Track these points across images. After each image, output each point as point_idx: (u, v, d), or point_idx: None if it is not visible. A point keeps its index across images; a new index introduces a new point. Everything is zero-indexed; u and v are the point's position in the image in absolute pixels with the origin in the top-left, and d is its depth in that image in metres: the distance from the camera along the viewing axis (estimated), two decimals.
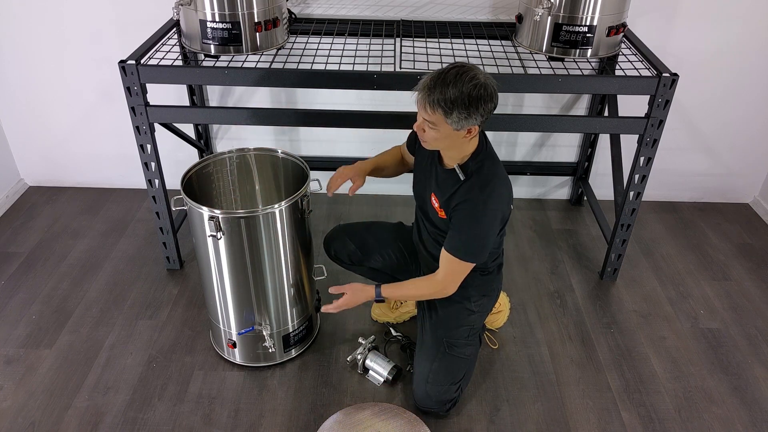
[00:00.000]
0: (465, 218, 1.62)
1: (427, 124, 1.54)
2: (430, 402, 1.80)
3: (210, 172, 1.97)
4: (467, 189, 1.62)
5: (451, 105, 1.46)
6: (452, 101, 1.46)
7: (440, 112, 1.48)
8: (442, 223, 1.72)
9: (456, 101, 1.46)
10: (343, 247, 2.02)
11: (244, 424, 1.82)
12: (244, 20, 1.99)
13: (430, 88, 1.48)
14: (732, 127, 2.73)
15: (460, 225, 1.63)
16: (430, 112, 1.50)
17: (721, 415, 1.90)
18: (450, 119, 1.49)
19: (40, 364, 2.00)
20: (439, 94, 1.46)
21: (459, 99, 1.45)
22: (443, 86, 1.46)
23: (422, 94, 1.49)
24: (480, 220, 1.61)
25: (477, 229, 1.62)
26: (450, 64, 1.52)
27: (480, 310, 1.87)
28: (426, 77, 1.51)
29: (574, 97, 2.65)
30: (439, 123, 1.51)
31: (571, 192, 2.95)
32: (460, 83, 1.45)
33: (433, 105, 1.48)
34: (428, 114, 1.50)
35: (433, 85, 1.47)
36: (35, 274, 2.40)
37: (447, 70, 1.49)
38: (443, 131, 1.53)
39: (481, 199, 1.60)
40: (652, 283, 2.44)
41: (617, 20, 2.04)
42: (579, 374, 2.02)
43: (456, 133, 1.53)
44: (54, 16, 2.45)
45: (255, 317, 1.89)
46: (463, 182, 1.62)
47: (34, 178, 2.95)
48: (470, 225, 1.62)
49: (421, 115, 1.54)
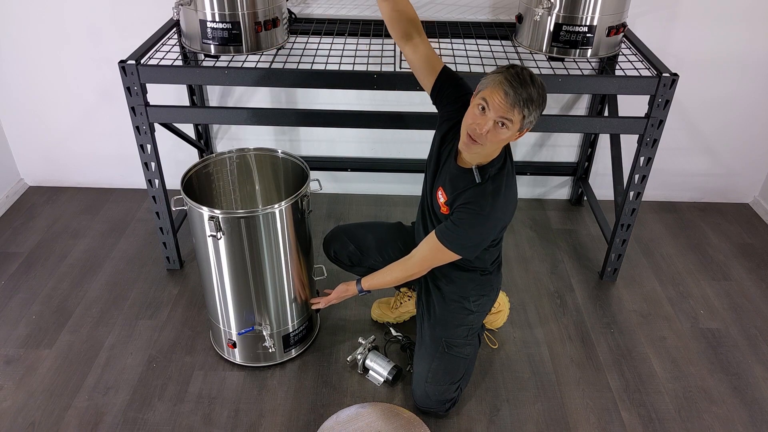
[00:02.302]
0: (467, 217, 1.61)
1: (498, 123, 1.47)
2: (429, 402, 1.80)
3: (210, 172, 1.97)
4: (478, 193, 1.61)
5: (534, 104, 1.46)
6: (535, 101, 1.46)
7: (525, 112, 1.46)
8: (445, 219, 1.72)
9: (537, 102, 1.46)
10: (342, 248, 2.02)
11: (244, 424, 1.82)
12: (244, 20, 1.99)
13: (516, 87, 1.44)
14: (732, 127, 2.73)
15: (460, 221, 1.63)
16: (515, 111, 1.45)
17: (721, 415, 1.90)
18: (526, 120, 1.48)
19: (40, 364, 2.00)
20: (527, 94, 1.44)
21: (538, 96, 1.46)
22: (526, 85, 1.44)
23: (511, 93, 1.44)
24: (482, 224, 1.61)
25: (471, 226, 1.62)
26: (508, 65, 1.49)
27: (479, 309, 1.87)
28: (498, 78, 1.46)
29: (574, 97, 2.65)
30: (515, 122, 1.47)
31: (571, 192, 2.95)
32: (535, 82, 1.46)
33: (522, 104, 1.44)
34: (512, 113, 1.46)
35: (518, 84, 1.44)
36: (35, 274, 2.40)
37: (519, 71, 1.46)
38: (510, 132, 1.50)
39: (489, 205, 1.59)
40: (652, 283, 2.44)
41: (617, 20, 2.04)
42: (579, 374, 2.02)
43: (516, 134, 1.52)
44: (54, 15, 2.45)
45: (255, 317, 1.90)
46: (477, 185, 1.61)
47: (34, 178, 2.95)
48: (470, 225, 1.62)
49: (495, 115, 1.47)
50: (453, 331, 1.82)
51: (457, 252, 1.66)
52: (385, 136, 2.75)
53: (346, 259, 2.03)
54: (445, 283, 1.86)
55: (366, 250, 2.00)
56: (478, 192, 1.60)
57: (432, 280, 1.90)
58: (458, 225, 1.63)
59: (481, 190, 1.60)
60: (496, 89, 1.46)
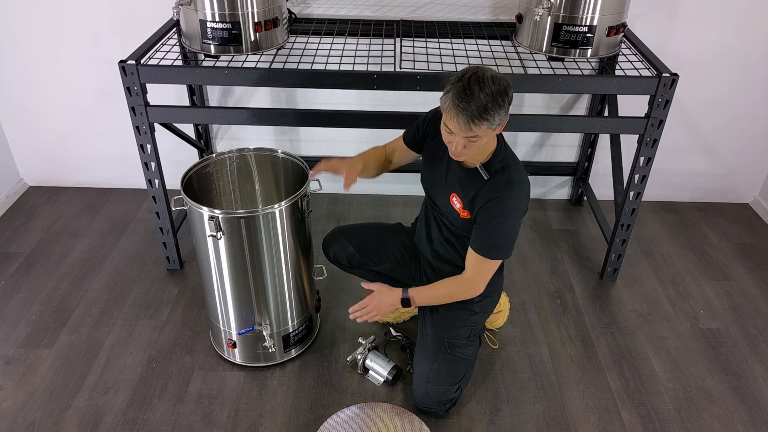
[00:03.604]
0: (493, 217, 1.63)
1: (468, 139, 1.51)
2: (429, 402, 1.80)
3: (210, 172, 1.97)
4: (493, 187, 1.63)
5: (491, 111, 1.45)
6: (491, 108, 1.45)
7: (485, 124, 1.46)
8: (463, 224, 1.73)
9: (493, 106, 1.45)
10: (341, 250, 2.02)
11: (244, 424, 1.82)
12: (244, 20, 1.99)
13: (464, 108, 1.44)
14: (732, 127, 2.73)
15: (488, 224, 1.64)
16: (474, 129, 1.47)
17: (721, 415, 1.90)
18: (492, 124, 1.48)
19: (40, 364, 2.00)
20: (477, 108, 1.44)
21: (492, 101, 1.45)
22: (474, 98, 1.44)
23: (461, 116, 1.45)
24: (507, 217, 1.63)
25: (504, 226, 1.64)
26: (455, 76, 1.49)
27: (482, 310, 1.87)
28: (449, 100, 1.47)
29: (574, 97, 2.65)
30: (482, 133, 1.49)
31: (571, 192, 2.95)
32: (484, 86, 1.45)
33: (478, 120, 1.45)
34: (473, 131, 1.47)
35: (465, 102, 1.44)
36: (35, 274, 2.40)
37: (466, 83, 1.45)
38: (485, 138, 1.52)
39: (509, 197, 1.62)
40: (652, 283, 2.44)
41: (617, 20, 2.04)
42: (579, 374, 2.02)
43: (494, 132, 1.54)
44: (54, 16, 2.45)
45: (255, 317, 1.89)
46: (487, 181, 1.64)
47: (34, 178, 2.95)
48: (498, 223, 1.63)
49: (460, 135, 1.50)
50: (455, 331, 1.82)
51: (504, 256, 1.69)
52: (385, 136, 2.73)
53: (345, 261, 2.03)
54: None
55: (365, 252, 2.00)
56: (493, 187, 1.63)
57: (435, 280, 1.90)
58: (493, 231, 1.64)
59: (493, 184, 1.63)
60: (450, 115, 1.48)
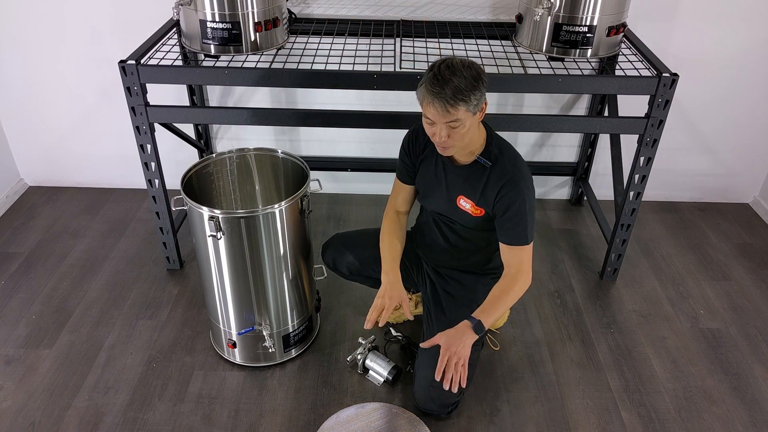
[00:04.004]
0: (513, 201, 1.64)
1: (450, 126, 1.53)
2: (432, 405, 1.79)
3: (210, 172, 1.97)
4: (501, 172, 1.65)
5: (467, 92, 1.48)
6: (465, 88, 1.48)
7: (462, 105, 1.49)
8: (478, 223, 1.74)
9: (467, 86, 1.48)
10: (341, 258, 2.01)
11: (244, 424, 1.82)
12: (244, 20, 1.99)
13: (438, 92, 1.48)
14: (732, 127, 2.73)
15: (511, 211, 1.65)
16: (452, 111, 1.49)
17: (721, 415, 1.90)
18: (470, 105, 1.50)
19: (40, 364, 2.00)
20: (451, 90, 1.47)
21: (467, 83, 1.48)
22: (448, 82, 1.47)
23: (436, 101, 1.48)
24: (525, 196, 1.65)
25: (525, 207, 1.65)
26: (428, 68, 1.54)
27: None
28: (423, 89, 1.51)
29: (574, 97, 2.65)
30: (463, 117, 1.51)
31: (571, 192, 2.95)
32: (457, 71, 1.49)
33: (453, 102, 1.48)
34: (451, 114, 1.50)
35: (439, 87, 1.47)
36: (35, 274, 2.40)
37: (437, 71, 1.50)
38: (467, 123, 1.54)
39: (520, 176, 1.65)
40: (652, 283, 2.44)
41: (617, 20, 2.04)
42: (579, 374, 2.02)
43: (475, 117, 1.55)
44: (54, 15, 2.45)
45: (255, 317, 1.89)
46: (492, 168, 1.66)
47: (34, 178, 2.95)
48: (519, 206, 1.65)
49: (441, 122, 1.53)
50: None
51: (531, 239, 1.70)
52: (385, 136, 2.75)
53: (344, 269, 2.03)
54: (457, 288, 1.87)
55: (365, 261, 1.98)
56: (500, 171, 1.65)
57: (442, 285, 1.90)
58: (518, 217, 1.65)
59: (500, 169, 1.65)
60: (426, 102, 1.52)
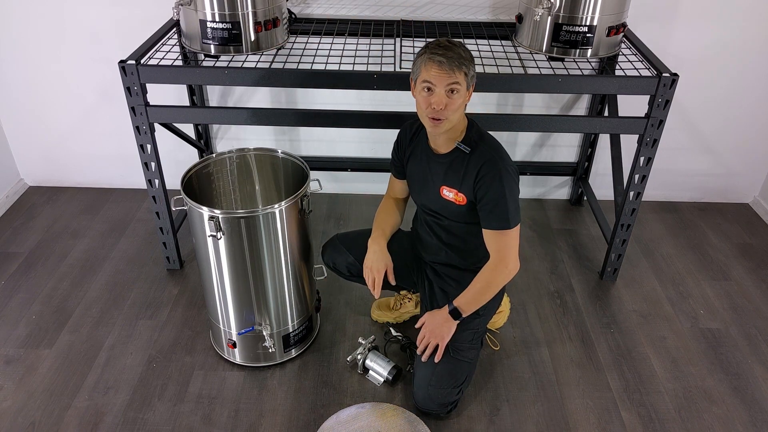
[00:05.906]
0: (492, 183, 1.65)
1: (450, 90, 1.56)
2: (431, 404, 1.79)
3: (210, 172, 1.97)
4: (479, 155, 1.67)
5: (467, 62, 1.56)
6: (466, 58, 1.56)
7: (464, 70, 1.55)
8: (463, 213, 1.74)
9: (468, 57, 1.58)
10: (341, 259, 2.01)
11: (244, 424, 1.82)
12: (244, 20, 1.99)
13: (443, 54, 1.53)
14: (732, 127, 2.73)
15: (490, 193, 1.66)
16: (456, 73, 1.54)
17: (721, 415, 1.90)
18: (468, 77, 1.57)
19: (40, 364, 2.00)
20: (456, 55, 1.54)
21: (467, 55, 1.58)
22: (450, 48, 1.55)
23: (443, 61, 1.53)
24: (504, 178, 1.65)
25: (505, 189, 1.65)
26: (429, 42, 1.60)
27: (485, 313, 1.86)
28: (423, 57, 1.57)
29: (574, 97, 2.65)
30: (462, 82, 1.56)
31: (571, 192, 2.95)
32: (457, 45, 1.58)
33: (458, 64, 1.54)
34: (455, 75, 1.55)
35: (443, 50, 1.54)
36: (35, 274, 2.40)
37: (438, 42, 1.58)
38: (462, 91, 1.58)
39: (498, 158, 1.66)
40: (652, 283, 2.44)
41: (617, 20, 2.04)
42: (579, 374, 2.02)
43: (467, 93, 1.61)
44: (54, 15, 2.45)
45: (255, 317, 1.89)
46: (471, 153, 1.68)
47: (34, 178, 2.95)
48: (499, 188, 1.65)
49: (442, 86, 1.56)
50: (459, 335, 1.81)
51: (516, 220, 1.70)
52: (385, 136, 2.75)
53: (344, 270, 2.03)
54: (454, 286, 1.86)
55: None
56: (479, 155, 1.67)
57: (440, 284, 1.90)
58: (497, 199, 1.66)
59: (479, 153, 1.67)
60: (429, 66, 1.56)
